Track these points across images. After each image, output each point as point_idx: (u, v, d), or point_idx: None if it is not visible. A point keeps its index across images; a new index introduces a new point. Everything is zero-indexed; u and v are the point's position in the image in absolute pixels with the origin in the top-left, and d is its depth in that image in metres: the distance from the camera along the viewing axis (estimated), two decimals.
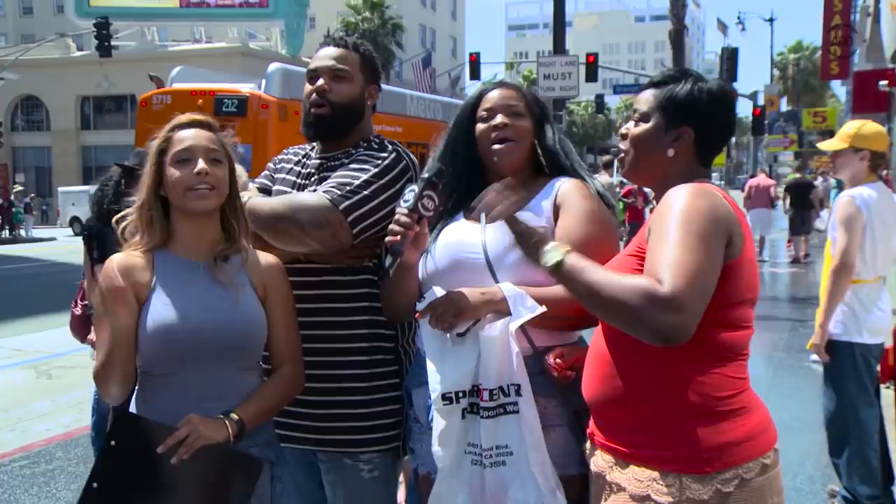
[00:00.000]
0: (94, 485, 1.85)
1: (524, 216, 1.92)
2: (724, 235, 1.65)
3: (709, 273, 1.60)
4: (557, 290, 1.93)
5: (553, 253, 1.74)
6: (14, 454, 4.96)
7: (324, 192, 2.15)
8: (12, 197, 27.52)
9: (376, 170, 2.19)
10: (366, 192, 2.15)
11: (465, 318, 1.93)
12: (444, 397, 1.91)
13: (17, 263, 17.69)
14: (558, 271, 1.72)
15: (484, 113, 2.15)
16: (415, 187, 1.99)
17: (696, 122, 1.79)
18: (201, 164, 1.89)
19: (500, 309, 1.92)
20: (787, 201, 16.10)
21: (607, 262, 1.81)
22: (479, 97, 2.20)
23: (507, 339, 1.89)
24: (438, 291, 1.96)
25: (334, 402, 2.23)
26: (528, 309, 1.88)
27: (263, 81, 9.86)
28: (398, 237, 1.94)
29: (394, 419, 2.24)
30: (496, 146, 2.11)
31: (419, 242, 2.02)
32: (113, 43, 26.33)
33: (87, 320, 4.43)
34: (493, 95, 2.17)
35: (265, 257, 2.07)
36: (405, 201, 1.98)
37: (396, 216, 1.98)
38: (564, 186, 2.09)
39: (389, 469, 2.29)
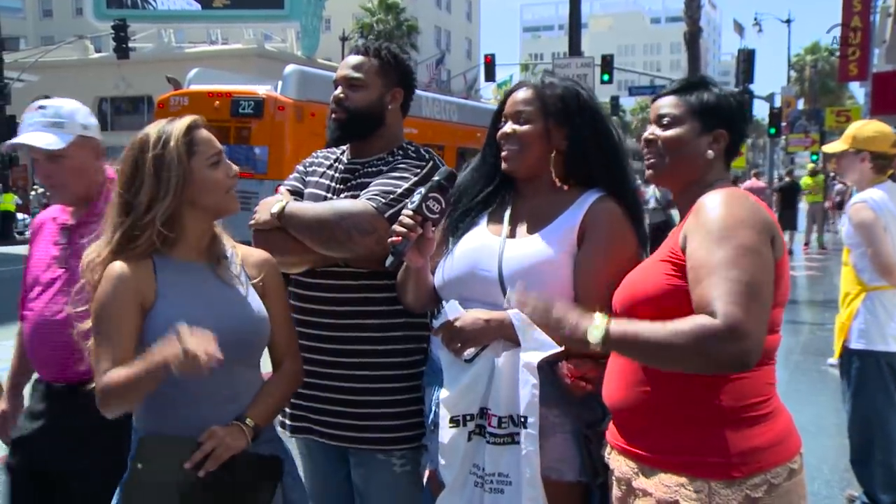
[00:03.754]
0: None
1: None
2: (768, 236, 1.65)
3: (763, 284, 1.59)
4: None
5: (594, 331, 1.66)
6: None
7: (367, 199, 2.17)
8: (31, 198, 27.77)
9: (417, 178, 2.22)
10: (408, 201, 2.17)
11: (470, 346, 1.92)
12: (451, 420, 1.92)
13: None
14: (606, 344, 1.67)
15: (502, 120, 2.11)
16: (422, 189, 1.99)
17: (730, 125, 1.83)
18: (236, 168, 1.91)
19: (508, 336, 1.90)
20: (778, 202, 17.68)
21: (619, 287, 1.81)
22: (505, 100, 2.15)
23: (518, 370, 1.87)
24: (454, 307, 1.94)
25: (371, 401, 2.25)
26: (537, 342, 1.85)
27: (280, 83, 9.89)
28: (399, 238, 1.95)
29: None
30: (503, 153, 2.07)
31: (424, 247, 2.00)
32: (130, 45, 26.55)
33: None
34: (510, 100, 2.11)
35: (256, 253, 2.06)
36: (411, 202, 1.98)
37: (401, 217, 1.98)
38: (593, 210, 1.99)
39: (420, 463, 2.31)
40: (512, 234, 2.05)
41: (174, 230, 1.86)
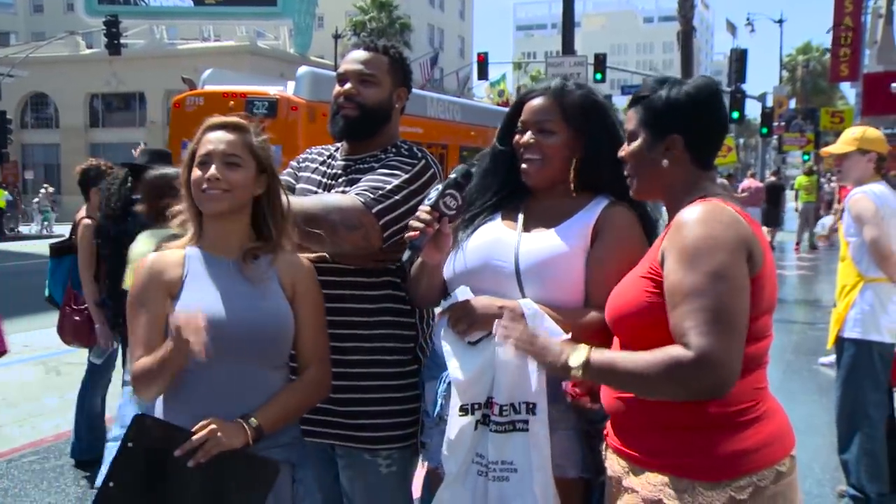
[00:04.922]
0: (111, 484, 1.85)
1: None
2: (743, 255, 1.63)
3: (734, 310, 1.59)
4: (578, 314, 1.93)
5: (575, 360, 1.70)
6: (24, 449, 4.98)
7: (356, 194, 2.16)
8: (37, 198, 27.69)
9: (407, 175, 2.21)
10: (397, 197, 2.17)
11: (478, 329, 1.93)
12: (461, 408, 1.93)
13: (28, 260, 17.75)
14: (586, 372, 1.70)
15: (519, 125, 2.09)
16: (440, 186, 1.99)
17: (683, 127, 1.76)
18: (213, 170, 1.91)
19: None
20: (764, 200, 18.13)
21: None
22: (522, 103, 2.11)
23: (524, 357, 1.87)
24: (466, 292, 1.96)
25: (355, 399, 2.25)
26: (547, 330, 1.85)
27: (292, 84, 10.05)
28: (417, 233, 1.95)
29: (412, 417, 2.26)
30: (523, 165, 2.07)
31: (441, 243, 2.00)
32: (122, 41, 26.43)
33: (89, 324, 4.44)
34: (529, 107, 2.07)
35: (297, 259, 2.06)
36: (428, 199, 1.98)
37: (417, 212, 1.98)
38: (606, 213, 2.01)
39: (407, 464, 2.32)
40: (527, 230, 2.05)
41: (193, 224, 1.98)
